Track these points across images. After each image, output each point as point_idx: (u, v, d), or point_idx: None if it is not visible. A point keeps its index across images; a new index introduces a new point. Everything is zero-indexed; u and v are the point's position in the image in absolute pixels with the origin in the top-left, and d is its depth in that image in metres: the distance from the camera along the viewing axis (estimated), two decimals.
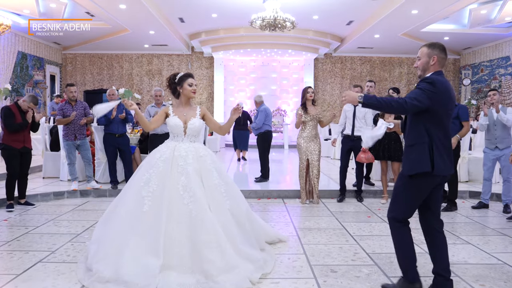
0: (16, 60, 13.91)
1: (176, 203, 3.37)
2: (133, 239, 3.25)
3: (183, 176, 3.47)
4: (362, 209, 6.02)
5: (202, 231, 3.27)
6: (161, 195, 3.37)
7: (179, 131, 3.73)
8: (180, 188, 3.42)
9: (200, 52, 17.67)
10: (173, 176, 3.47)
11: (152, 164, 3.53)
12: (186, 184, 3.44)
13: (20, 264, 3.69)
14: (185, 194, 3.40)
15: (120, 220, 3.38)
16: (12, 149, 5.72)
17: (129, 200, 3.44)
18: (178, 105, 3.87)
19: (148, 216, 3.32)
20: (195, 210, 3.34)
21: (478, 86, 16.69)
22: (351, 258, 3.90)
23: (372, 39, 15.09)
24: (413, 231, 4.72)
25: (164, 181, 3.43)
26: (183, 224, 3.31)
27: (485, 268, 3.67)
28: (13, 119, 5.68)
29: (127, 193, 3.52)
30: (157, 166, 3.50)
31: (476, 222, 5.32)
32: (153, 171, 3.48)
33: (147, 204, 3.35)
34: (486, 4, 11.55)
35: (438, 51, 3.07)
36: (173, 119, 3.75)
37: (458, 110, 5.73)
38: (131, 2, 10.72)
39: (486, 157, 5.98)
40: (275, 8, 10.51)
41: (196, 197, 3.39)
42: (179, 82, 3.81)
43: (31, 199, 6.22)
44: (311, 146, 6.19)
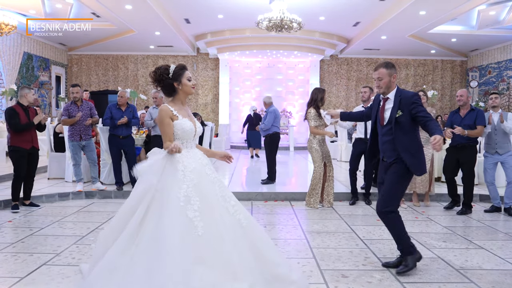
0: (21, 60, 13.91)
1: (224, 216, 2.96)
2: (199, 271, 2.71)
3: (215, 185, 3.07)
4: (371, 212, 5.92)
5: (257, 238, 3.03)
6: (210, 212, 2.90)
7: (190, 135, 3.15)
8: (220, 199, 3.02)
9: (205, 53, 17.63)
10: (208, 187, 3.02)
11: (180, 177, 2.95)
12: (223, 194, 3.07)
13: (24, 266, 3.62)
14: (227, 204, 3.03)
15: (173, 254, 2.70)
16: (21, 150, 5.66)
17: (174, 226, 2.78)
18: (178, 104, 3.19)
19: (206, 240, 2.80)
20: (244, 219, 3.03)
21: (486, 88, 16.53)
22: (362, 263, 3.81)
23: (378, 41, 14.99)
24: (424, 235, 4.66)
25: (204, 195, 2.95)
26: (240, 237, 2.95)
27: (500, 274, 3.57)
28: (18, 119, 5.62)
29: (164, 221, 2.82)
30: (189, 179, 2.96)
31: (488, 226, 5.21)
32: (187, 186, 2.92)
33: (199, 226, 2.81)
34: (495, 5, 11.42)
35: (394, 70, 3.66)
36: (185, 122, 3.12)
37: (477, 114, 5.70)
38: (137, 3, 10.69)
39: (486, 161, 5.91)
40: (281, 9, 10.43)
41: (237, 205, 3.07)
42: (176, 77, 3.13)
43: (36, 200, 6.16)
44: (326, 149, 6.12)
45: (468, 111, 5.75)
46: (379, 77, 3.63)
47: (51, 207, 6.07)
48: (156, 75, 3.15)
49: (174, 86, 3.15)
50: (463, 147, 5.75)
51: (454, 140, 5.81)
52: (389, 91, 3.64)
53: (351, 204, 6.39)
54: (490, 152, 5.85)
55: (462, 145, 5.74)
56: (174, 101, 3.19)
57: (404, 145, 3.55)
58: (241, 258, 2.85)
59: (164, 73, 3.12)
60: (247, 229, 3.00)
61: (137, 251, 2.76)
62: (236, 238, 2.91)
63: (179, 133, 3.10)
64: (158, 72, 3.14)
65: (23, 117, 5.69)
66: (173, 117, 3.09)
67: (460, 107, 5.83)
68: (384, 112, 3.67)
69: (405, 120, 3.54)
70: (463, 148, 5.76)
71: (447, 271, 3.61)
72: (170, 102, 3.19)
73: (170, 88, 3.16)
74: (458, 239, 4.62)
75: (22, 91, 5.78)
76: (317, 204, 6.12)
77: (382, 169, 3.79)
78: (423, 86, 14.89)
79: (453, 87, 18.08)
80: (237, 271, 2.79)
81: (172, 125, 3.08)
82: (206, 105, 17.94)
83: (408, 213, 5.83)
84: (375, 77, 3.68)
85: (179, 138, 3.11)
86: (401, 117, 3.54)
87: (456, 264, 3.77)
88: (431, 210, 6.06)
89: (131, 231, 2.83)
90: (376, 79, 3.66)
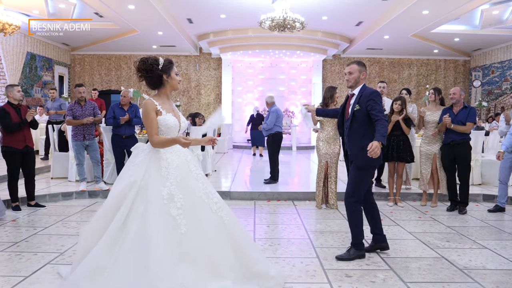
0: (25, 60, 13.94)
1: (207, 214, 2.97)
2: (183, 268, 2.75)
3: (199, 182, 3.06)
4: None
5: (238, 235, 3.06)
6: (193, 210, 2.91)
7: (174, 131, 3.11)
8: (203, 196, 3.01)
9: (208, 53, 17.63)
10: (192, 184, 3.01)
11: (163, 174, 2.94)
12: (206, 191, 3.06)
13: (28, 265, 3.63)
14: (210, 202, 3.02)
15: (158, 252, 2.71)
16: (14, 150, 5.55)
17: (158, 224, 2.78)
18: (163, 98, 3.12)
19: (189, 238, 2.82)
20: (226, 216, 3.03)
21: (489, 88, 16.49)
22: (366, 263, 3.80)
23: (381, 40, 14.97)
24: (427, 235, 4.65)
25: (187, 192, 2.94)
26: (222, 235, 2.96)
27: (504, 274, 3.56)
28: (9, 119, 5.47)
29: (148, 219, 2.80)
30: (173, 177, 2.93)
31: (492, 226, 5.19)
32: (170, 184, 2.90)
33: (182, 224, 2.81)
34: (498, 5, 11.40)
35: (365, 69, 3.95)
36: (169, 118, 3.07)
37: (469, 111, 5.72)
38: (140, 3, 10.70)
39: (503, 160, 5.88)
40: (284, 8, 10.42)
41: (220, 202, 3.07)
42: (166, 70, 3.06)
43: (39, 199, 6.16)
44: (331, 149, 5.98)
45: (461, 108, 5.79)
46: (350, 71, 3.92)
47: (55, 206, 6.08)
48: (145, 65, 3.02)
49: (162, 79, 3.08)
50: (456, 144, 5.75)
51: (447, 138, 5.82)
52: (356, 87, 3.93)
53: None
54: (508, 150, 5.85)
55: (456, 142, 5.75)
56: (159, 95, 3.13)
57: (356, 137, 3.83)
58: (223, 255, 2.91)
59: (154, 64, 3.03)
60: (229, 226, 3.02)
61: (122, 250, 2.75)
62: (218, 236, 2.94)
63: (163, 129, 3.05)
64: (148, 62, 3.02)
65: (14, 116, 5.54)
66: (157, 112, 3.04)
67: (453, 105, 5.85)
68: (349, 107, 3.95)
69: (361, 115, 3.79)
70: (456, 146, 5.77)
71: (450, 271, 3.60)
72: (154, 96, 3.13)
73: (157, 80, 3.08)
74: (461, 239, 4.61)
75: (6, 90, 5.61)
76: (320, 204, 6.10)
77: (349, 160, 4.12)
78: (426, 86, 14.86)
79: (456, 86, 18.01)
80: (220, 268, 2.85)
81: (156, 120, 3.02)
82: (208, 105, 17.95)
83: (411, 213, 5.82)
84: (346, 71, 3.95)
85: (163, 134, 3.06)
86: (358, 111, 3.80)
87: (459, 264, 3.76)
88: (435, 210, 6.05)
89: (115, 230, 2.82)
90: (347, 73, 3.94)
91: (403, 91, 6.94)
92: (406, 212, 5.87)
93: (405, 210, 6.02)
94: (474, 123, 5.72)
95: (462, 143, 5.76)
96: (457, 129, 5.66)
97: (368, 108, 3.75)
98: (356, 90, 3.92)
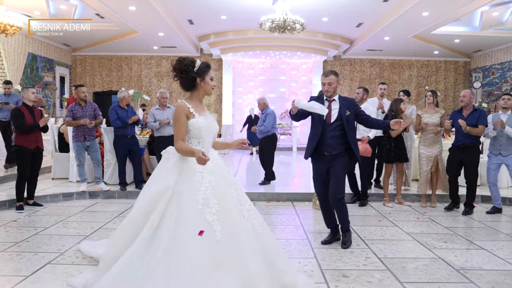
0: (26, 61, 14.00)
1: (240, 221, 2.85)
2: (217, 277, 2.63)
3: (232, 187, 2.96)
4: (373, 212, 5.95)
5: (269, 244, 2.96)
6: (227, 216, 2.79)
7: (207, 134, 3.03)
8: (236, 203, 2.90)
9: (209, 54, 17.69)
10: (225, 190, 2.91)
11: (198, 179, 2.84)
12: (239, 197, 2.96)
13: (29, 265, 3.67)
14: (242, 208, 2.91)
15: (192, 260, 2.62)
16: (25, 150, 5.70)
17: (193, 231, 2.69)
18: (195, 101, 3.04)
19: (224, 245, 2.70)
20: (258, 224, 2.93)
21: (489, 89, 16.50)
22: (363, 263, 3.84)
23: (382, 41, 15.00)
24: (425, 236, 4.69)
25: (222, 198, 2.84)
26: (255, 243, 2.85)
27: (500, 274, 3.59)
28: (23, 119, 5.67)
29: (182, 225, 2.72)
30: (208, 181, 2.84)
31: (490, 227, 5.22)
32: (205, 188, 2.81)
33: (217, 230, 2.70)
34: (498, 6, 11.42)
35: (339, 78, 4.39)
36: (201, 121, 3.00)
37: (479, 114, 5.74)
38: (141, 4, 10.75)
39: (490, 162, 5.93)
40: (284, 10, 10.46)
41: (252, 209, 2.97)
42: (201, 73, 3.00)
43: (40, 200, 6.22)
44: None
45: (471, 111, 5.78)
46: (330, 83, 4.29)
47: (56, 207, 6.13)
48: (181, 65, 2.97)
49: (196, 82, 3.01)
50: (466, 147, 5.76)
51: (457, 140, 5.84)
52: (334, 95, 4.36)
53: (350, 202, 6.37)
54: (494, 153, 5.87)
55: (465, 145, 5.76)
56: (192, 98, 3.06)
57: (352, 138, 4.27)
58: (256, 265, 2.78)
59: (190, 65, 2.97)
60: (261, 234, 2.92)
61: (155, 257, 2.67)
62: (251, 244, 2.82)
63: (196, 132, 2.97)
64: (184, 63, 2.97)
65: (28, 117, 5.74)
66: (189, 115, 2.96)
67: (463, 108, 5.86)
68: (331, 111, 4.31)
69: (351, 119, 4.30)
70: (466, 149, 5.77)
71: (447, 271, 3.64)
72: (187, 99, 3.06)
73: (191, 82, 3.01)
74: (459, 239, 4.64)
75: (22, 92, 5.93)
76: (317, 205, 6.12)
77: (324, 161, 4.30)
78: (425, 87, 14.87)
79: (456, 88, 18.07)
80: (253, 278, 2.71)
81: (186, 124, 2.95)
82: (209, 106, 18.00)
83: (410, 214, 5.85)
84: (326, 82, 4.29)
85: (196, 137, 2.99)
86: (349, 116, 4.28)
87: (456, 265, 3.80)
88: (433, 211, 6.08)
89: (147, 236, 2.75)
90: (327, 83, 4.29)
91: (401, 93, 6.98)
92: (404, 213, 5.90)
93: (403, 211, 6.05)
94: (486, 125, 5.71)
95: (472, 147, 5.77)
96: (472, 132, 5.62)
97: (357, 112, 4.33)
98: (336, 97, 4.37)
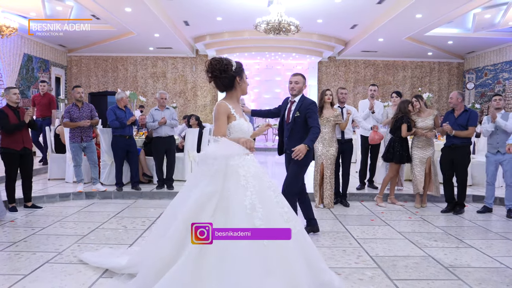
0: (22, 62, 14.02)
1: (281, 224, 2.81)
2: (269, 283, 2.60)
3: (271, 190, 2.94)
4: (366, 212, 6.04)
5: (307, 245, 2.96)
6: (271, 220, 2.76)
7: (247, 136, 3.03)
8: (275, 205, 2.90)
9: (204, 54, 17.75)
10: (267, 193, 2.89)
11: (243, 183, 2.81)
12: (277, 199, 2.95)
13: (27, 264, 3.74)
14: (281, 211, 2.88)
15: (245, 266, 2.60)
16: (12, 152, 5.65)
17: None
18: (234, 102, 3.04)
19: (272, 250, 2.67)
20: (297, 226, 2.92)
21: (482, 90, 16.68)
22: (355, 261, 3.93)
23: (376, 43, 15.14)
24: (416, 235, 4.79)
25: (265, 202, 2.81)
26: (297, 246, 2.83)
27: (487, 271, 3.70)
28: (7, 120, 5.60)
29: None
30: (252, 186, 2.81)
31: (480, 226, 5.34)
32: (251, 193, 2.77)
33: None
34: (490, 9, 11.57)
35: (305, 81, 4.67)
36: (243, 122, 3.02)
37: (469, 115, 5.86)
38: (137, 5, 10.81)
39: (489, 162, 6.02)
40: (279, 12, 10.55)
41: (290, 212, 2.94)
42: (239, 72, 3.02)
43: (37, 200, 6.26)
44: (326, 150, 6.00)
45: (461, 112, 5.91)
46: (296, 81, 4.58)
47: (52, 207, 6.18)
48: (220, 65, 2.96)
49: (235, 81, 3.02)
50: (456, 147, 5.88)
51: (448, 141, 5.95)
52: (298, 95, 4.59)
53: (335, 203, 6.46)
54: (492, 152, 5.96)
55: (456, 146, 5.87)
56: (230, 98, 3.06)
57: (296, 139, 4.41)
58: (300, 266, 2.77)
59: (229, 65, 2.98)
60: (298, 236, 2.90)
61: (207, 266, 2.61)
62: (294, 247, 2.80)
63: (238, 134, 2.97)
64: (223, 62, 2.97)
65: (13, 118, 5.65)
66: (230, 116, 2.97)
67: (454, 109, 5.97)
68: (290, 113, 4.57)
69: (300, 120, 4.46)
70: (456, 149, 5.89)
71: (436, 269, 3.74)
72: (227, 100, 3.06)
73: (230, 81, 3.01)
74: (449, 238, 4.74)
75: (5, 92, 5.81)
76: (318, 204, 6.18)
77: (287, 159, 4.66)
78: (418, 89, 15.02)
79: (450, 88, 18.23)
80: (299, 280, 2.69)
81: (225, 124, 2.94)
82: (205, 106, 18.07)
83: (402, 214, 5.96)
84: (293, 80, 4.59)
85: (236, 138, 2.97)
86: (298, 117, 4.50)
87: (445, 262, 3.90)
88: (425, 210, 6.19)
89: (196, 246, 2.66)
90: (294, 82, 4.58)
91: (394, 94, 7.09)
92: (397, 213, 6.00)
93: (396, 210, 6.15)
94: (475, 126, 5.84)
95: (462, 147, 5.89)
96: (459, 135, 5.79)
97: (306, 116, 4.44)
98: (296, 98, 4.60)
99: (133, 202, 6.57)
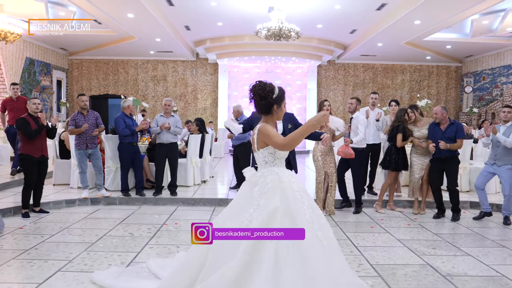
0: (24, 66, 14.14)
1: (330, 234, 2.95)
2: None
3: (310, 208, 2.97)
4: (365, 219, 6.18)
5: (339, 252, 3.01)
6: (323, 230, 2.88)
7: (285, 156, 3.14)
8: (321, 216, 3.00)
9: (204, 58, 17.89)
10: (313, 204, 3.00)
11: (298, 197, 2.90)
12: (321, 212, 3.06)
13: (40, 273, 3.86)
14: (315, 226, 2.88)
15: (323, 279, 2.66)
16: (31, 159, 5.88)
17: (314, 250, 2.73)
18: (271, 125, 3.08)
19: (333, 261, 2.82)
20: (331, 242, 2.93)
21: (480, 94, 16.86)
22: (356, 269, 4.05)
23: (375, 47, 15.30)
24: (415, 242, 4.93)
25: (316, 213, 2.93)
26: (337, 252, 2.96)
27: (484, 280, 3.83)
28: (29, 127, 5.86)
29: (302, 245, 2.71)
30: (306, 199, 2.93)
31: (476, 233, 5.48)
32: (307, 207, 2.88)
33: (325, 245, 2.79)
34: (487, 15, 11.74)
35: None
36: None
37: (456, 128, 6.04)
38: (139, 12, 10.95)
39: (484, 169, 6.20)
40: (280, 18, 10.66)
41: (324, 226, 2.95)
42: (279, 101, 3.08)
43: (43, 206, 6.38)
44: (328, 159, 6.20)
45: (448, 125, 6.08)
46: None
47: (59, 213, 6.31)
48: (263, 92, 3.02)
49: (272, 108, 3.07)
50: (446, 158, 6.08)
51: (437, 153, 6.09)
52: None
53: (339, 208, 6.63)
54: (489, 162, 6.12)
55: (446, 157, 6.07)
56: (267, 121, 3.10)
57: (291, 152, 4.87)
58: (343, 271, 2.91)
59: (270, 93, 3.03)
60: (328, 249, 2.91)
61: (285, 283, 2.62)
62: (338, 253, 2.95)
63: (277, 155, 3.05)
64: (266, 89, 3.03)
65: (34, 126, 5.92)
66: None
67: (440, 123, 6.13)
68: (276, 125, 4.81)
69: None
70: (446, 160, 6.09)
71: (434, 277, 3.87)
72: (267, 122, 3.09)
73: (267, 108, 3.07)
74: (447, 246, 4.89)
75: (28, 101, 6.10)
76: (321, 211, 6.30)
77: None
78: (417, 95, 15.19)
79: (448, 92, 18.41)
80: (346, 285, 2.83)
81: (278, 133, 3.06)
82: (205, 110, 18.20)
83: (401, 220, 6.10)
84: None
85: (276, 158, 3.05)
86: (291, 128, 5.14)
87: (443, 271, 4.03)
88: (424, 217, 6.33)
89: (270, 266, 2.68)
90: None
91: (392, 103, 7.24)
92: (396, 219, 6.15)
93: (395, 217, 6.30)
94: (463, 138, 6.06)
95: (451, 158, 6.09)
96: (453, 147, 5.96)
97: (297, 125, 5.31)
98: None
99: (138, 208, 6.71)
